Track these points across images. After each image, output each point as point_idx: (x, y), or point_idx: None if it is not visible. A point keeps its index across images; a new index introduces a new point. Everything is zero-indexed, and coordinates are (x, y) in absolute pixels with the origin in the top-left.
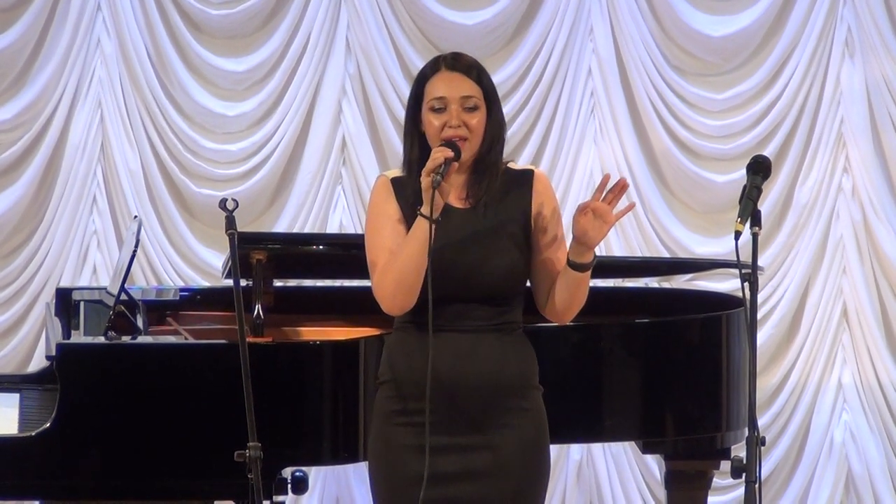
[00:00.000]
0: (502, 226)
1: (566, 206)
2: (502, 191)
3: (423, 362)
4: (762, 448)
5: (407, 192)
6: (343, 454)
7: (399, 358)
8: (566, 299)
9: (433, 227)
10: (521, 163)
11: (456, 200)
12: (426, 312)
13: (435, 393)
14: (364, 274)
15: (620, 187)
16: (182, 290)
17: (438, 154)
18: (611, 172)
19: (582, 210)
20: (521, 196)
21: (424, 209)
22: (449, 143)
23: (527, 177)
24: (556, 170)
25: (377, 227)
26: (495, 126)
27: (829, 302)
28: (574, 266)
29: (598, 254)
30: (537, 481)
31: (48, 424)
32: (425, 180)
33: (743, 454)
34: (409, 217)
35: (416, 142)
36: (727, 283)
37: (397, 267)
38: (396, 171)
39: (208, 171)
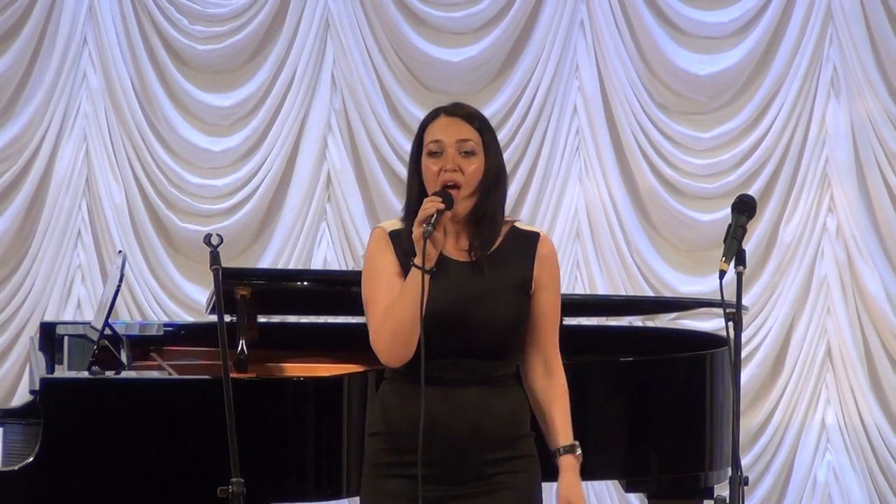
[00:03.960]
0: (502, 285)
1: None
2: (506, 250)
3: (418, 414)
4: (745, 488)
5: (404, 243)
6: (326, 490)
7: (393, 409)
8: (539, 417)
9: (426, 277)
10: (511, 209)
11: (455, 252)
12: (419, 364)
13: (427, 445)
14: (348, 310)
15: None
16: (166, 325)
17: (429, 205)
18: (595, 210)
19: None
20: (524, 259)
21: (417, 260)
22: (441, 193)
23: (532, 239)
24: (541, 207)
25: (374, 280)
26: (491, 175)
27: (813, 341)
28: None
29: (582, 292)
30: None
31: (31, 458)
32: (416, 230)
33: (726, 493)
34: (406, 269)
35: (418, 192)
36: (711, 323)
37: (393, 319)
38: (394, 223)
39: (193, 206)
